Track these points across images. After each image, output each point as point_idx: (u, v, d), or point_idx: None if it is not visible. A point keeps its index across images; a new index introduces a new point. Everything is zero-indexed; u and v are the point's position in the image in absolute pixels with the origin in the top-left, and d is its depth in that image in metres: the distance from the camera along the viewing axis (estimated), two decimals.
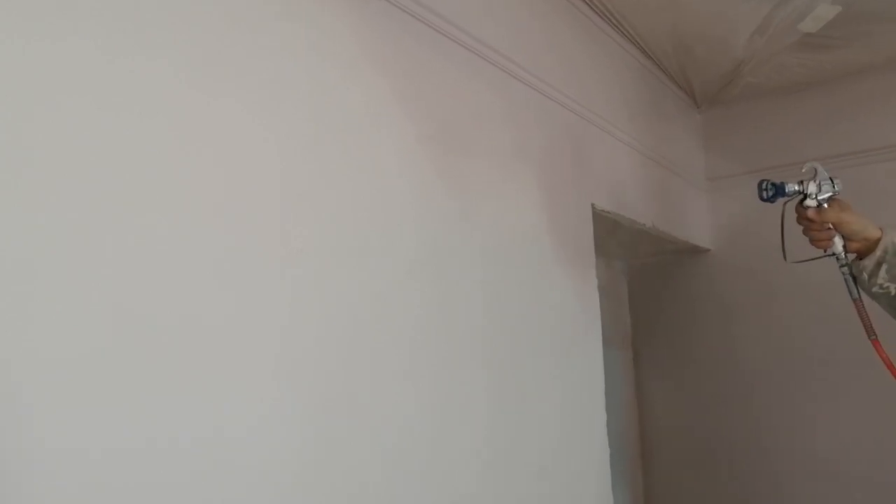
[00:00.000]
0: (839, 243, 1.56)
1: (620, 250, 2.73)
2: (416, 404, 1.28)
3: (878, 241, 1.50)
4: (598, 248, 2.55)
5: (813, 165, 1.58)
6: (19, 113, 0.78)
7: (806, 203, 1.57)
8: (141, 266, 0.87)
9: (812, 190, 1.56)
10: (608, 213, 2.09)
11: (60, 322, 0.78)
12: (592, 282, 1.96)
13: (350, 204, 1.20)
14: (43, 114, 0.80)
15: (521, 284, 1.64)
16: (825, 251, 1.58)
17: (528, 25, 1.82)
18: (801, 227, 1.61)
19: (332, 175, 1.17)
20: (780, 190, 1.59)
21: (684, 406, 2.77)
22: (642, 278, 2.92)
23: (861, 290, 1.56)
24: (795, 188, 1.58)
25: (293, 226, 1.09)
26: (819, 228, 1.56)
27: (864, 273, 1.52)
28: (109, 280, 0.84)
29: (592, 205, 2.01)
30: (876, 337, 1.53)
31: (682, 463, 2.75)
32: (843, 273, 1.57)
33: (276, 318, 1.04)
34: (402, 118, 1.35)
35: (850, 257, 1.57)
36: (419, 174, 1.37)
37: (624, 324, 2.88)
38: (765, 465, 2.62)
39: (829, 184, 1.56)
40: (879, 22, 2.22)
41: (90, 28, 0.86)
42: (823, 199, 1.56)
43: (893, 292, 1.49)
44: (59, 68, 0.82)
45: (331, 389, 1.11)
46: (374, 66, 1.30)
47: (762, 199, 1.62)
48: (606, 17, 2.16)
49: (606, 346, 2.64)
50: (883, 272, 1.49)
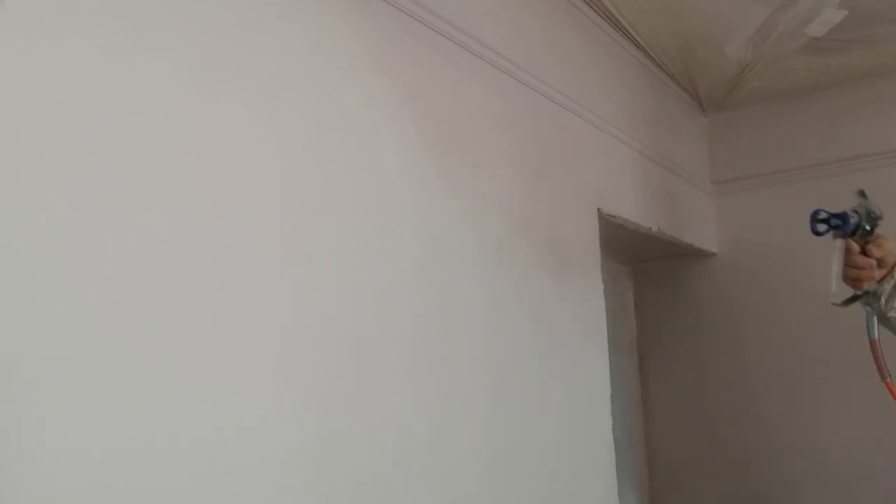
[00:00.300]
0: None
1: (626, 254, 2.72)
2: (416, 405, 1.27)
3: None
4: (604, 252, 2.55)
5: (861, 191, 1.41)
6: (19, 113, 0.78)
7: (858, 234, 1.37)
8: (141, 266, 0.87)
9: (867, 220, 1.37)
10: (614, 217, 2.09)
11: (60, 322, 0.78)
12: (598, 285, 1.96)
13: (349, 204, 1.20)
14: (43, 114, 0.80)
15: (525, 287, 1.63)
16: (864, 289, 1.40)
17: (530, 29, 1.81)
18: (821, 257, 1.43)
19: (331, 175, 1.17)
20: (844, 221, 1.36)
21: (690, 409, 2.75)
22: (648, 282, 2.91)
23: (877, 316, 1.41)
24: (854, 219, 1.36)
25: (293, 226, 1.09)
26: (866, 265, 1.38)
27: (882, 297, 1.39)
28: (109, 280, 0.84)
29: (598, 209, 2.00)
30: (890, 379, 1.41)
31: (689, 466, 2.73)
32: (865, 309, 1.41)
33: (276, 317, 1.04)
34: (403, 119, 1.34)
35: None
36: (419, 174, 1.37)
37: (630, 327, 2.87)
38: (771, 468, 2.60)
39: (877, 211, 1.38)
40: (886, 25, 2.21)
41: (90, 28, 0.86)
42: (873, 228, 1.38)
43: None
44: (58, 68, 0.82)
45: (331, 389, 1.10)
46: (375, 67, 1.30)
47: (817, 232, 1.39)
48: (611, 21, 2.16)
49: (612, 349, 2.63)
50: None
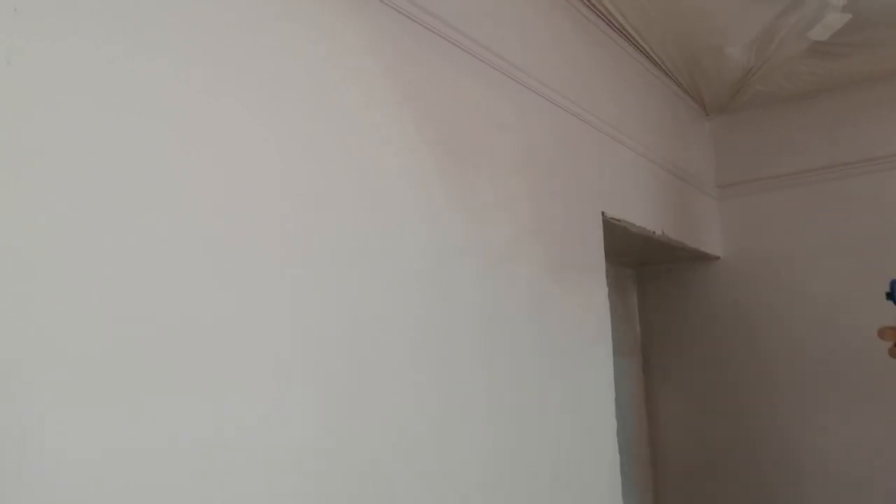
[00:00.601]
0: None
1: (630, 258, 2.71)
2: (417, 406, 1.26)
3: None
4: (608, 256, 2.54)
5: None
6: (20, 113, 0.78)
7: None
8: (141, 265, 0.87)
9: None
10: (618, 220, 2.08)
11: (61, 321, 0.78)
12: (602, 289, 1.95)
13: (349, 204, 1.19)
14: (43, 113, 0.80)
15: (529, 290, 1.63)
16: None
17: (536, 33, 1.81)
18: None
19: (331, 175, 1.16)
20: None
21: (694, 413, 2.74)
22: (652, 286, 2.90)
23: None
24: None
25: (293, 225, 1.08)
26: None
27: None
28: (110, 279, 0.83)
29: (602, 212, 2.00)
30: None
31: (693, 470, 2.71)
32: None
33: (276, 317, 1.03)
34: (403, 120, 1.34)
35: None
36: (420, 176, 1.36)
37: (634, 331, 2.86)
38: (775, 470, 2.58)
39: None
40: (889, 29, 2.21)
41: (90, 28, 0.86)
42: None
43: None
44: (58, 68, 0.82)
45: (331, 390, 1.10)
46: (375, 68, 1.29)
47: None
48: (615, 27, 2.16)
49: (616, 353, 2.62)
50: None
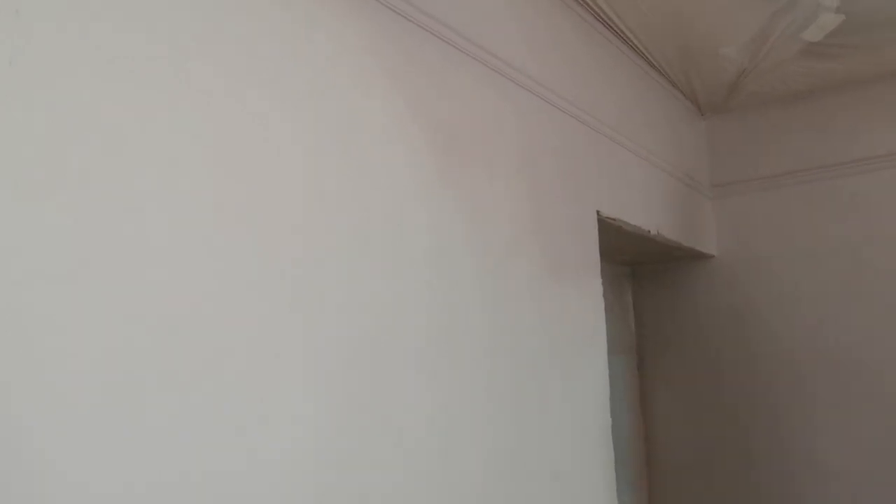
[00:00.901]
0: None
1: (625, 256, 2.75)
2: (419, 405, 1.31)
3: None
4: (604, 254, 2.57)
5: None
6: (22, 112, 0.81)
7: None
8: (142, 266, 0.90)
9: None
10: (613, 220, 2.12)
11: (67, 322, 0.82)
12: (598, 288, 1.99)
13: (359, 205, 1.23)
14: (44, 113, 0.82)
15: (525, 289, 1.66)
16: None
17: (535, 35, 1.85)
18: None
19: (333, 177, 1.20)
20: None
21: (688, 411, 2.79)
22: (647, 284, 2.94)
23: None
24: None
25: (293, 228, 1.11)
26: None
27: None
28: (105, 277, 0.87)
29: (598, 212, 2.03)
30: None
31: (687, 467, 2.76)
32: None
33: (281, 317, 1.07)
34: (411, 124, 1.38)
35: None
36: (422, 179, 1.40)
37: (629, 330, 2.90)
38: (769, 467, 2.63)
39: None
40: (882, 31, 2.24)
41: (90, 29, 0.88)
42: None
43: None
44: (59, 68, 0.85)
45: (341, 393, 1.14)
46: (386, 76, 1.33)
47: None
48: (612, 28, 2.19)
49: (611, 352, 2.66)
50: None
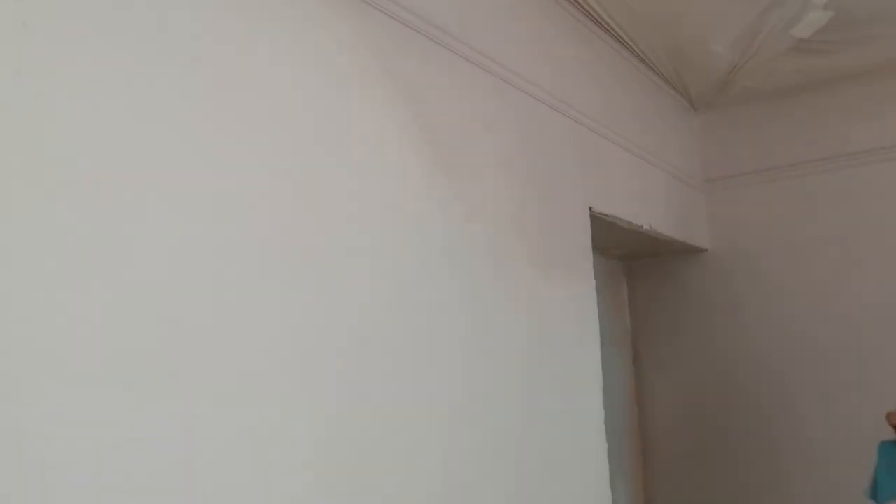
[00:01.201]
0: None
1: (620, 250, 2.80)
2: (413, 398, 1.36)
3: None
4: (599, 249, 2.61)
5: None
6: (29, 121, 0.85)
7: None
8: (147, 268, 0.95)
9: None
10: (606, 215, 2.16)
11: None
12: (590, 282, 2.03)
13: (359, 205, 1.28)
14: (51, 122, 0.87)
15: (518, 285, 1.71)
16: None
17: (523, 33, 1.89)
18: None
19: (322, 180, 1.25)
20: None
21: (683, 401, 2.84)
22: (642, 277, 2.98)
23: None
24: None
25: (281, 229, 1.16)
26: None
27: None
28: (110, 283, 0.92)
29: (590, 208, 2.07)
30: None
31: (681, 456, 2.81)
32: None
33: (277, 313, 1.12)
34: (406, 125, 1.42)
35: None
36: (412, 178, 1.44)
37: (624, 322, 2.94)
38: (761, 458, 2.68)
39: None
40: (870, 27, 2.28)
41: (93, 41, 0.93)
42: None
43: None
44: (64, 78, 0.89)
45: (342, 387, 1.19)
46: (367, 74, 1.37)
47: None
48: (602, 26, 2.22)
49: (607, 344, 2.70)
50: None
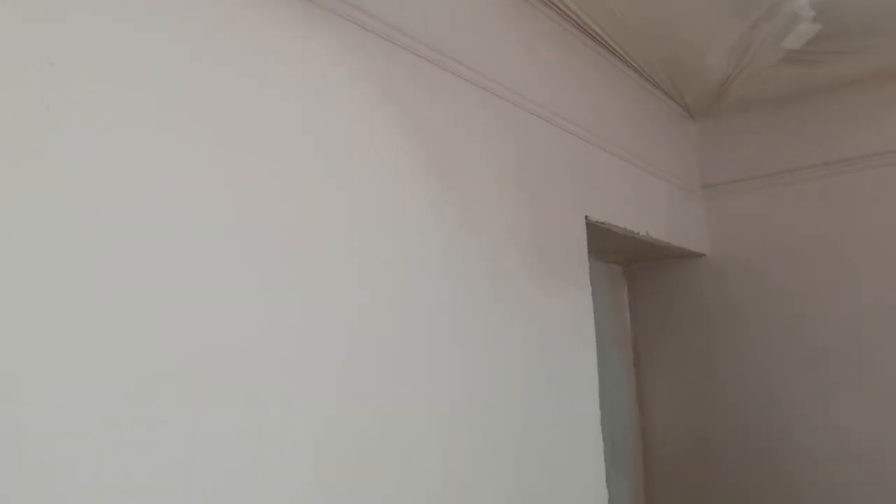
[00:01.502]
0: None
1: (619, 256, 2.87)
2: (413, 401, 1.44)
3: None
4: (599, 254, 2.69)
5: None
6: (58, 152, 0.95)
7: None
8: (156, 274, 1.04)
9: None
10: (602, 223, 2.24)
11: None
12: (586, 288, 2.11)
13: (366, 216, 1.38)
14: (77, 152, 0.96)
15: (515, 293, 1.79)
16: None
17: (518, 50, 1.97)
18: None
19: (327, 194, 1.34)
20: None
21: (682, 403, 2.90)
22: (642, 281, 3.05)
23: None
24: None
25: (292, 240, 1.25)
26: None
27: None
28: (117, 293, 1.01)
29: (586, 217, 2.15)
30: None
31: (681, 458, 2.88)
32: None
33: (290, 317, 1.21)
34: (411, 142, 1.52)
35: None
36: (423, 189, 1.54)
37: (624, 325, 3.01)
38: (760, 459, 2.74)
39: None
40: (860, 38, 2.34)
41: (114, 76, 1.03)
42: None
43: None
44: (89, 111, 0.99)
45: (344, 388, 1.27)
46: (384, 100, 1.47)
47: None
48: (596, 38, 2.30)
49: (608, 347, 2.79)
50: None
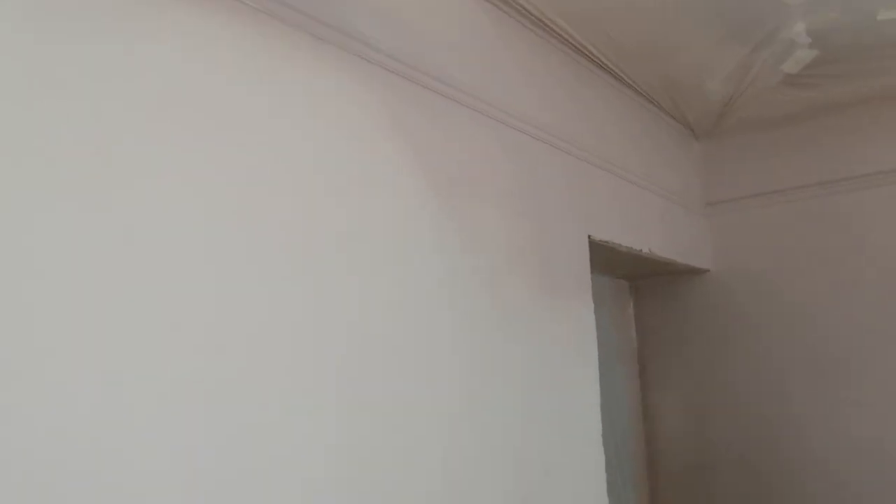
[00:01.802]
0: None
1: (625, 271, 2.95)
2: (419, 407, 1.53)
3: None
4: (605, 270, 2.77)
5: None
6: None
7: None
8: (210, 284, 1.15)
9: None
10: (605, 242, 2.32)
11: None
12: (588, 306, 2.19)
13: (380, 238, 1.48)
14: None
15: (521, 309, 1.88)
16: None
17: (519, 76, 2.06)
18: None
19: (364, 215, 1.44)
20: None
21: (688, 415, 2.97)
22: (647, 296, 3.13)
23: None
24: None
25: (305, 266, 1.35)
26: None
27: None
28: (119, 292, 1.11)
29: (589, 236, 2.24)
30: None
31: (687, 470, 2.95)
32: None
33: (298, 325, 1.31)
34: (421, 167, 1.62)
35: None
36: (431, 211, 1.63)
37: (630, 339, 3.09)
38: (765, 470, 2.80)
39: None
40: (856, 63, 2.42)
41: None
42: None
43: None
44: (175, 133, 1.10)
45: (354, 401, 1.37)
46: (394, 129, 1.57)
47: None
48: (596, 62, 2.38)
49: (614, 359, 2.87)
50: None
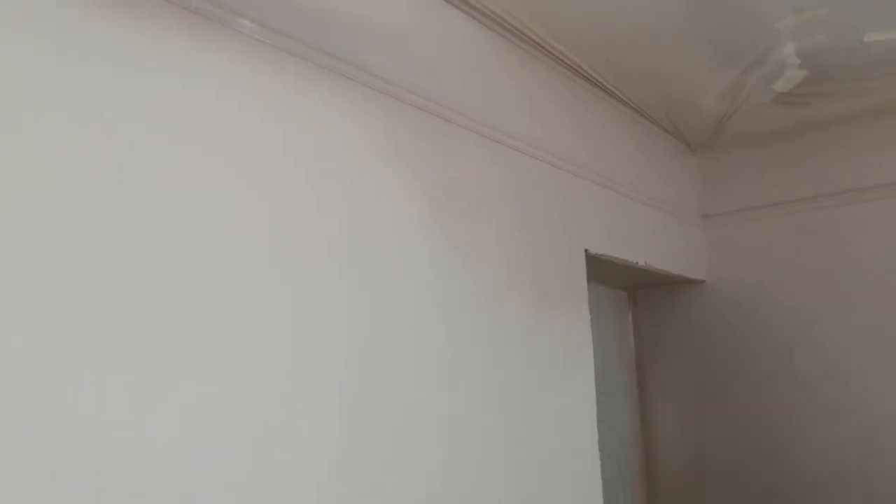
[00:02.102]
0: None
1: (623, 282, 3.03)
2: (422, 414, 1.62)
3: None
4: (604, 280, 2.85)
5: None
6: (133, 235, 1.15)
7: None
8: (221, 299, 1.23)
9: None
10: (602, 255, 2.40)
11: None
12: (585, 318, 2.27)
13: (381, 257, 1.55)
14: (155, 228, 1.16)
15: (519, 321, 1.97)
16: None
17: (519, 98, 2.15)
18: None
19: (365, 234, 1.53)
20: None
21: (685, 422, 3.05)
22: (645, 306, 3.20)
23: None
24: None
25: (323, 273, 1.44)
26: None
27: None
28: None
29: (586, 250, 2.32)
30: None
31: (684, 475, 3.02)
32: None
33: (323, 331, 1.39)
34: (421, 187, 1.70)
35: None
36: (432, 228, 1.72)
37: (629, 348, 3.17)
38: (762, 476, 2.87)
39: None
40: (846, 82, 2.50)
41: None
42: None
43: None
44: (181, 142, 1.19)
45: (358, 406, 1.46)
46: (396, 152, 1.66)
47: None
48: (593, 82, 2.46)
49: (613, 368, 2.94)
50: None
